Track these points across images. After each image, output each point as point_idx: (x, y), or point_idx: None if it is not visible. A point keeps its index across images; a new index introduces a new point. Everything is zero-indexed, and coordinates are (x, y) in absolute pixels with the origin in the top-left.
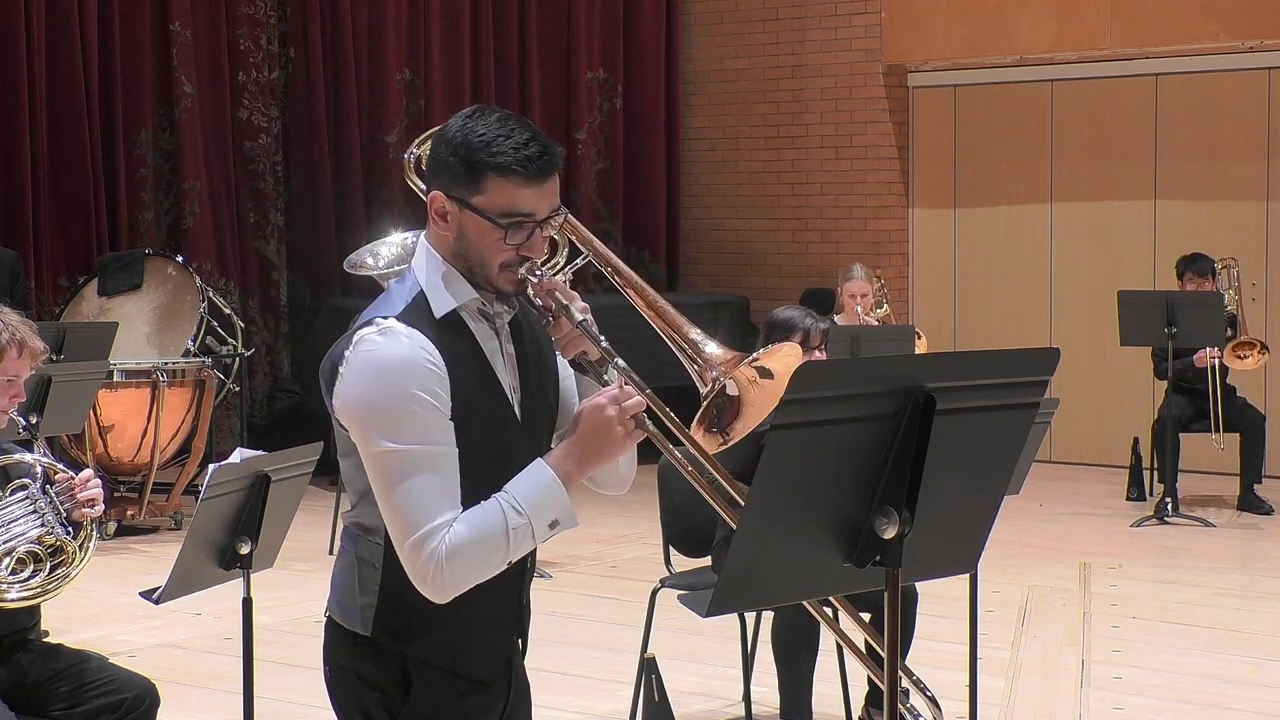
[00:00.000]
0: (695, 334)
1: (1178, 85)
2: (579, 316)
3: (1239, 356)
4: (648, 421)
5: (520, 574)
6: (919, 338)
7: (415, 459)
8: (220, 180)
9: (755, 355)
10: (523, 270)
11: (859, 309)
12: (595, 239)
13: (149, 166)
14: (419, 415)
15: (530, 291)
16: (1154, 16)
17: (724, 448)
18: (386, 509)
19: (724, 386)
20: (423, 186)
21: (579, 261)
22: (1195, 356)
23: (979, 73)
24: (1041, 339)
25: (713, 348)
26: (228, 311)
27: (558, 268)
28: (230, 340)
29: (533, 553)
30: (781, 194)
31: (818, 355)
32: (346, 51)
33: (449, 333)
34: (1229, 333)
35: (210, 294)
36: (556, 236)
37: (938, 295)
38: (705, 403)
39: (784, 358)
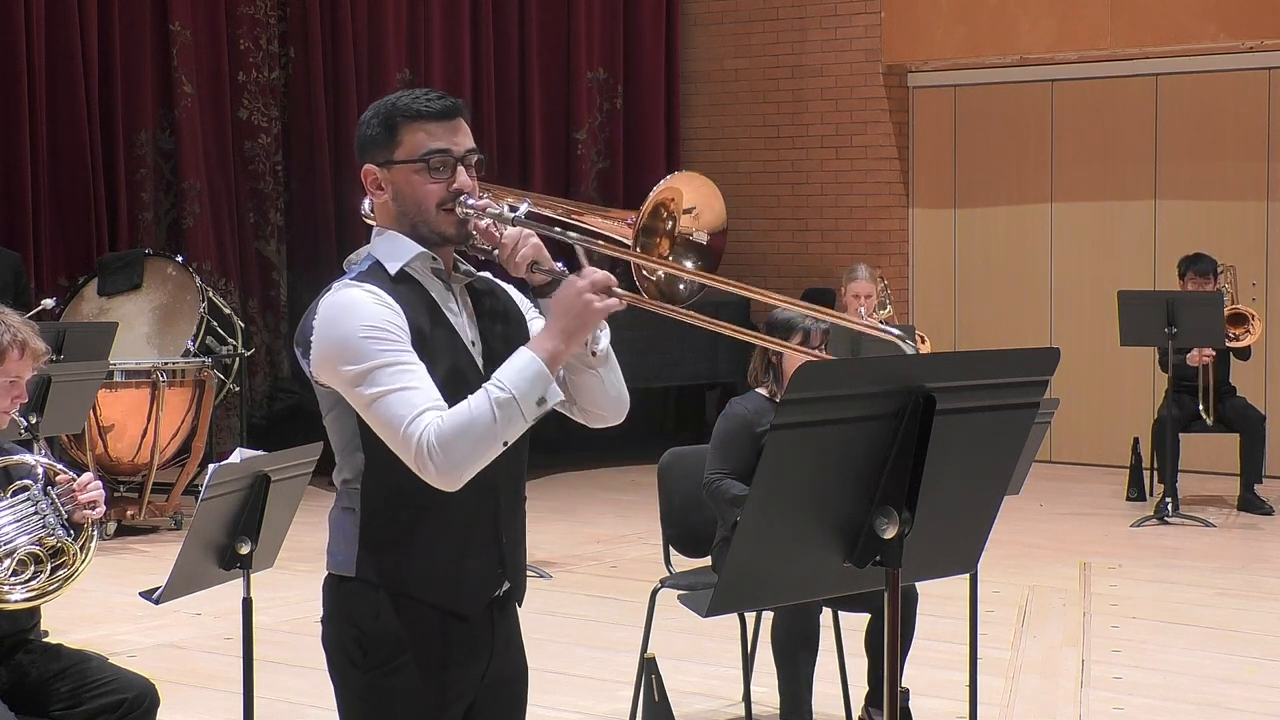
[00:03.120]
0: (613, 211)
1: (1178, 85)
2: (510, 215)
3: (1235, 336)
4: (617, 288)
5: (494, 509)
6: (922, 341)
7: (383, 369)
8: (220, 180)
9: (657, 197)
10: (458, 207)
11: (862, 310)
12: (524, 192)
13: (149, 166)
14: (378, 338)
15: (475, 235)
16: (1154, 16)
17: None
18: (376, 425)
19: (689, 237)
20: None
21: (520, 211)
22: (1188, 355)
23: (979, 73)
24: (1041, 339)
25: (618, 212)
26: (228, 311)
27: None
28: (230, 340)
29: (505, 490)
30: (781, 194)
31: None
32: (346, 51)
33: (403, 285)
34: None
35: (210, 294)
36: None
37: (938, 295)
38: (636, 230)
39: (686, 184)
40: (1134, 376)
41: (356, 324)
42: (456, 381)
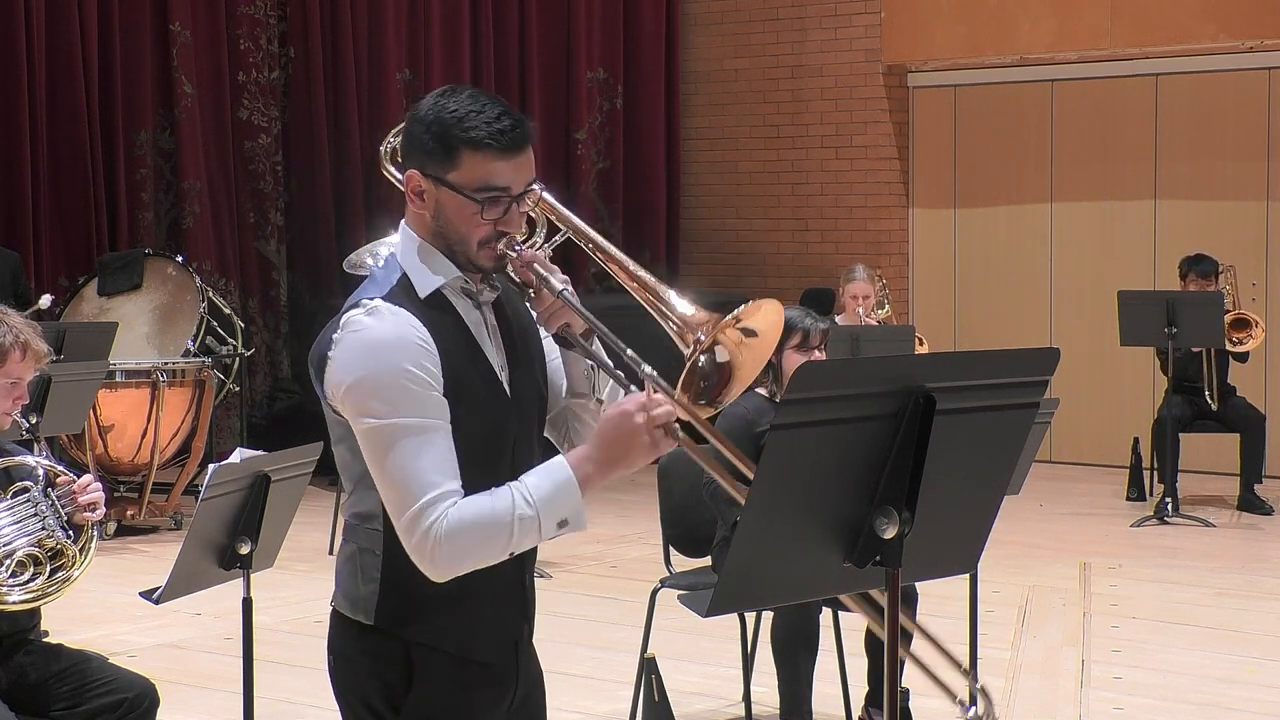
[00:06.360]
0: (674, 298)
1: (1178, 85)
2: (559, 287)
3: (1236, 340)
4: (679, 430)
5: (520, 556)
6: (921, 343)
7: (409, 432)
8: (220, 180)
9: (736, 314)
10: (501, 245)
11: (860, 310)
12: (572, 215)
13: (149, 166)
14: (411, 389)
15: (510, 268)
16: (1154, 16)
17: (716, 413)
18: (383, 484)
19: (713, 353)
20: (398, 176)
21: (558, 239)
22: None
23: (979, 73)
24: (1041, 339)
25: (692, 310)
26: (228, 311)
27: (537, 245)
28: (230, 340)
29: None
30: (781, 194)
31: (817, 355)
32: (346, 51)
33: (434, 310)
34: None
35: (210, 294)
36: (535, 215)
37: (938, 295)
38: (689, 365)
39: (766, 315)
40: (1134, 376)
41: (391, 364)
42: (488, 417)
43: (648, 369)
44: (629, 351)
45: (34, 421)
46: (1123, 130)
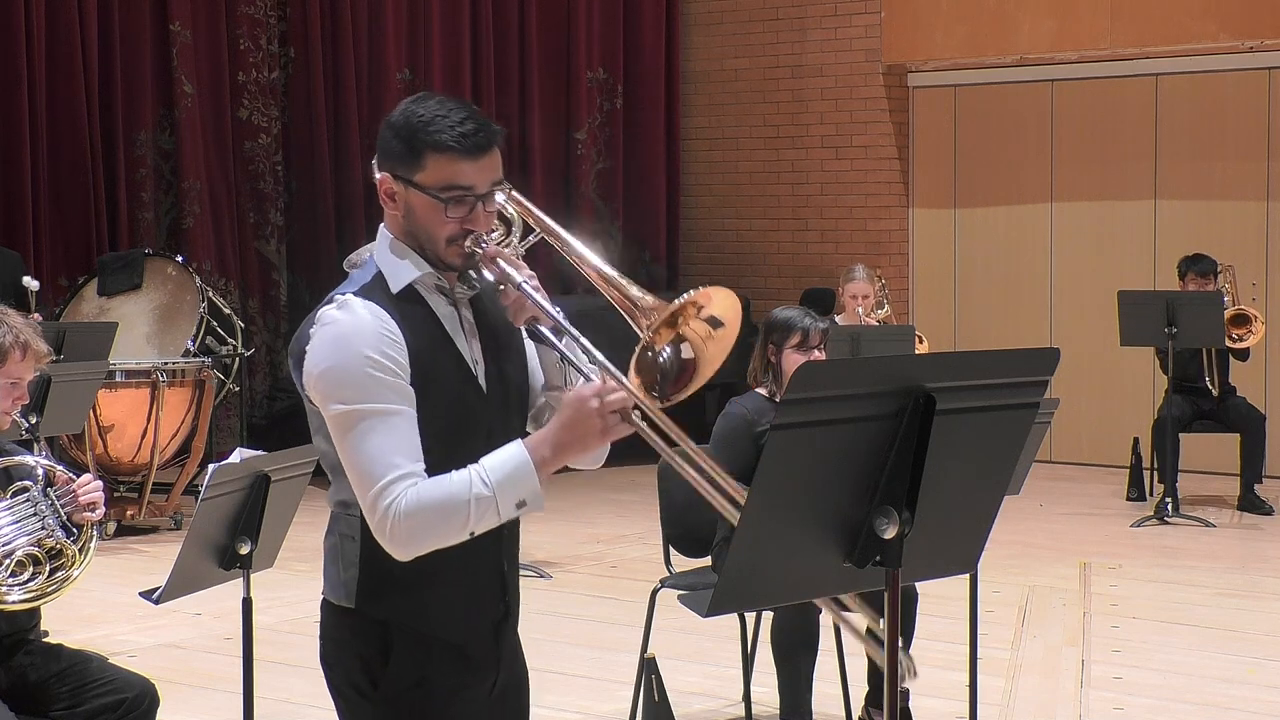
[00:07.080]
0: (635, 291)
1: (1178, 85)
2: (518, 279)
3: (1237, 337)
4: (634, 416)
5: (497, 540)
6: (920, 341)
7: (373, 416)
8: (220, 180)
9: (690, 298)
10: (468, 243)
11: (860, 310)
12: (543, 214)
13: (149, 166)
14: (375, 377)
15: (483, 267)
16: (1154, 16)
17: (666, 406)
18: (348, 467)
19: (679, 347)
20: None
21: (531, 239)
22: None
23: (979, 73)
24: (1041, 339)
25: (651, 299)
26: (228, 311)
27: (511, 244)
28: (230, 340)
29: (512, 520)
30: (781, 194)
31: (817, 355)
32: (346, 51)
33: (406, 305)
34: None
35: (210, 294)
36: (511, 215)
37: (938, 295)
38: (640, 347)
39: (724, 301)
40: (1134, 376)
41: (356, 354)
42: (459, 409)
43: (599, 356)
44: (583, 340)
45: (34, 421)
46: (1123, 130)
